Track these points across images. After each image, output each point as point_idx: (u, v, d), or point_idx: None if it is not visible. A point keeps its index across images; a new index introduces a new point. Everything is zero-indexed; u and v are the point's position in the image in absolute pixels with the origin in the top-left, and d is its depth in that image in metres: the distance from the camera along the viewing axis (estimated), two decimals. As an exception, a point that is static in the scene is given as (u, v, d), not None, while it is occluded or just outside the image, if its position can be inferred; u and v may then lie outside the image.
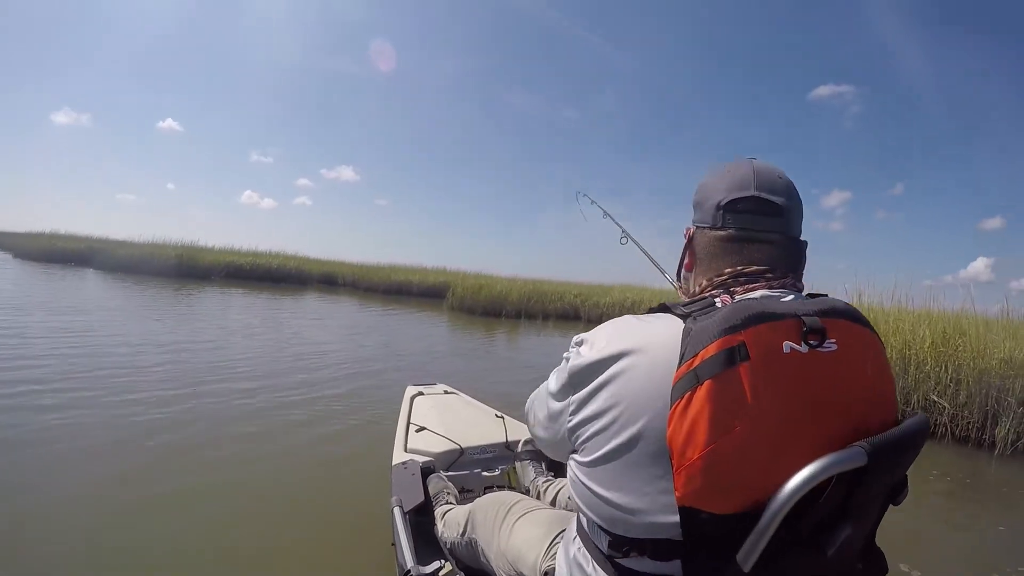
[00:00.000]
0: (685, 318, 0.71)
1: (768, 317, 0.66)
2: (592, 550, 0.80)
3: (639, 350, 0.71)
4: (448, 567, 1.40)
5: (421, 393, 2.84)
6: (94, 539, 2.13)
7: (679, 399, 0.63)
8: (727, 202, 0.83)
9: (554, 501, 1.62)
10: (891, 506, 0.74)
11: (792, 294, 0.78)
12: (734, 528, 0.63)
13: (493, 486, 2.02)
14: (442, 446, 2.15)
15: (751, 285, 0.79)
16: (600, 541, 0.78)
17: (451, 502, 1.73)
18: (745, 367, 0.62)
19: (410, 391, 2.83)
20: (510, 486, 2.00)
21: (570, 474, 0.81)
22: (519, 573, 1.13)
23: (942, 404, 4.60)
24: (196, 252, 20.23)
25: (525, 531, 1.19)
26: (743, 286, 0.79)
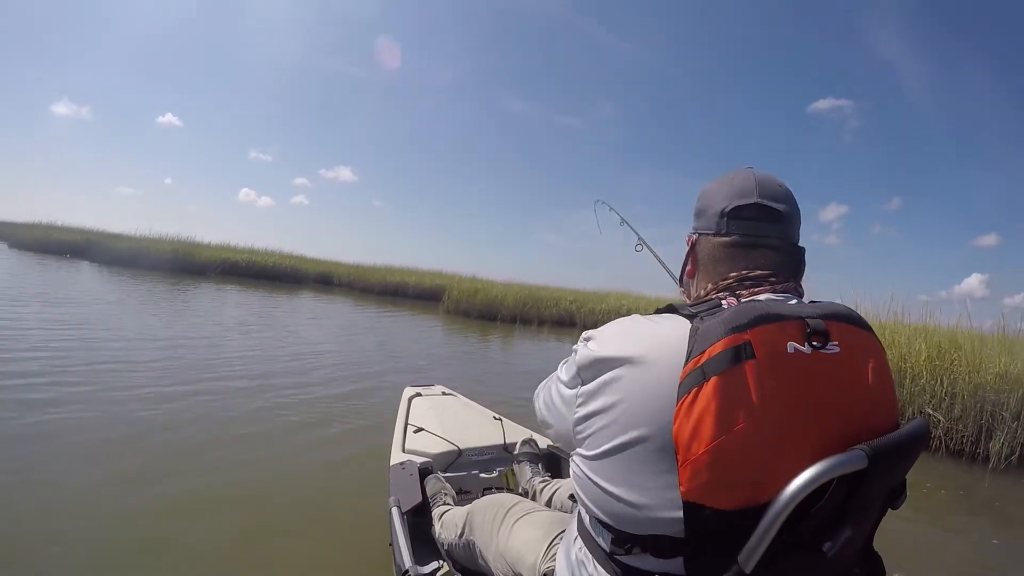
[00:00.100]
0: (692, 318, 0.72)
1: (773, 318, 0.67)
2: (594, 549, 0.80)
3: (647, 347, 0.72)
4: (446, 568, 1.40)
5: (419, 394, 2.84)
6: (91, 538, 2.11)
7: (686, 395, 0.64)
8: (731, 209, 0.85)
9: (550, 502, 1.62)
10: (887, 515, 0.75)
11: (795, 298, 0.80)
12: (736, 525, 0.63)
13: (491, 487, 2.02)
14: (440, 447, 2.15)
15: (756, 289, 0.80)
16: (602, 539, 0.77)
17: (449, 503, 1.73)
18: (751, 365, 0.63)
19: (408, 392, 2.82)
20: (508, 488, 2.00)
21: (574, 469, 0.81)
22: (517, 574, 1.13)
23: (937, 417, 4.61)
24: (192, 248, 20.16)
25: (524, 533, 1.19)
26: (748, 289, 0.80)
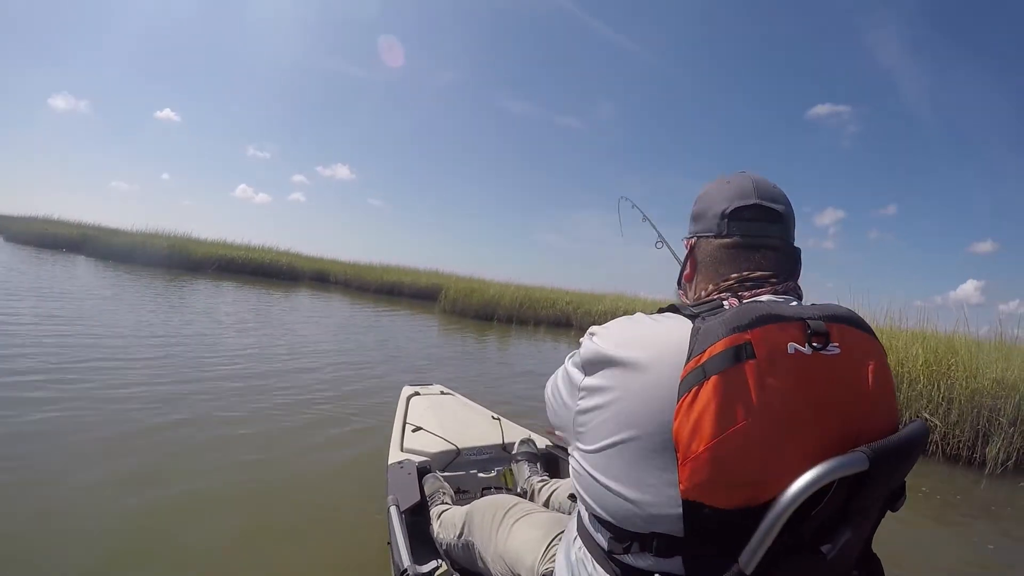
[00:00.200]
0: (693, 318, 0.72)
1: (774, 319, 0.68)
2: (593, 548, 0.80)
3: (649, 345, 0.73)
4: (444, 567, 1.40)
5: (417, 393, 2.84)
6: (89, 538, 2.10)
7: (686, 393, 0.64)
8: (732, 210, 0.86)
9: (548, 501, 1.63)
10: (883, 519, 0.75)
11: (796, 300, 0.81)
12: (735, 524, 0.64)
13: (489, 487, 2.02)
14: (438, 446, 2.15)
15: (757, 290, 0.81)
16: (601, 537, 0.78)
17: (447, 502, 1.74)
18: (751, 364, 0.64)
19: (406, 391, 2.82)
20: (506, 487, 2.00)
21: (573, 464, 0.81)
22: (516, 575, 1.13)
23: (934, 422, 4.61)
24: (189, 243, 20.10)
25: (523, 533, 1.20)
26: (750, 291, 0.81)
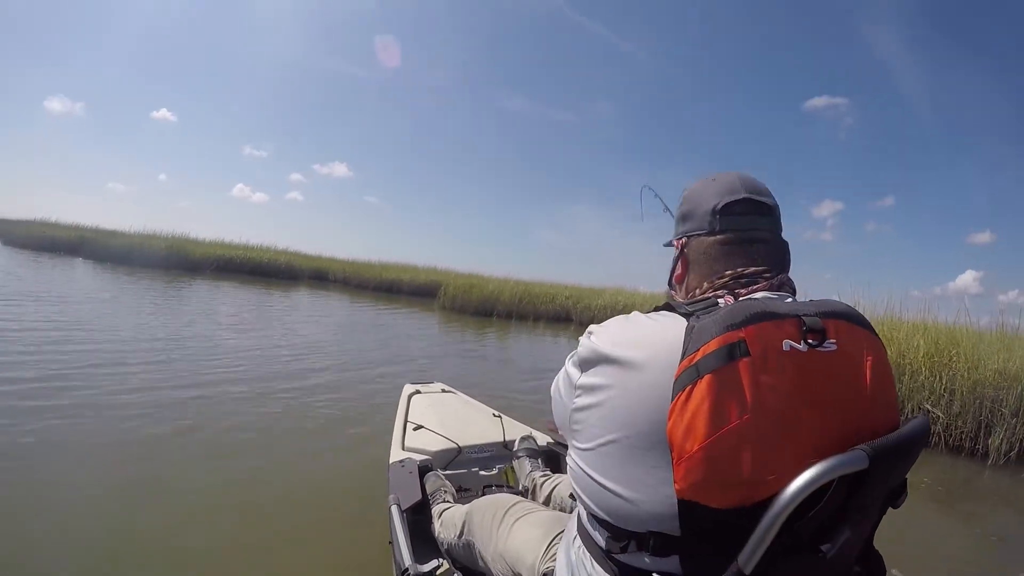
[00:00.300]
0: (688, 317, 0.72)
1: (769, 316, 0.67)
2: (591, 547, 0.80)
3: (644, 345, 0.72)
4: (445, 565, 1.40)
5: (419, 391, 2.82)
6: (91, 540, 2.11)
7: (680, 392, 0.64)
8: (722, 206, 0.85)
9: (550, 496, 1.63)
10: (888, 511, 0.75)
11: (791, 296, 0.80)
12: (732, 524, 0.63)
13: (491, 485, 2.01)
14: (440, 445, 2.14)
15: (753, 286, 0.81)
16: (599, 536, 0.77)
17: (449, 500, 1.73)
18: (745, 363, 0.63)
19: (407, 389, 2.81)
20: (508, 485, 1.99)
21: (570, 463, 0.81)
22: (517, 574, 1.13)
23: (936, 414, 4.62)
24: (187, 244, 20.06)
25: (523, 532, 1.19)
26: (745, 287, 0.81)
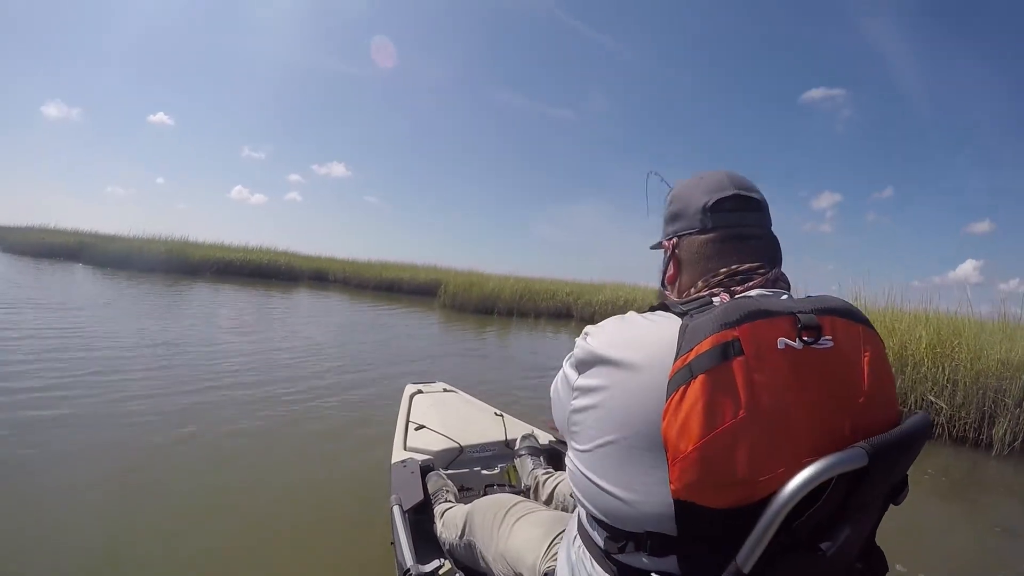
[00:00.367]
0: (683, 316, 0.72)
1: (763, 314, 0.66)
2: (591, 547, 0.80)
3: (639, 346, 0.72)
4: (447, 566, 1.39)
5: (420, 391, 2.82)
6: (92, 540, 2.11)
7: (674, 393, 0.64)
8: (713, 203, 0.85)
9: (553, 494, 1.63)
10: (891, 506, 0.75)
11: (786, 293, 0.80)
12: (729, 524, 0.63)
13: (493, 484, 2.00)
14: (441, 444, 2.14)
15: (748, 283, 0.80)
16: (598, 536, 0.78)
17: (450, 500, 1.73)
18: (739, 362, 0.63)
19: (409, 389, 2.81)
20: (510, 484, 1.99)
21: (568, 464, 0.82)
22: (518, 574, 1.13)
23: (939, 404, 4.61)
24: (186, 247, 20.06)
25: (524, 532, 1.19)
26: (740, 284, 0.80)
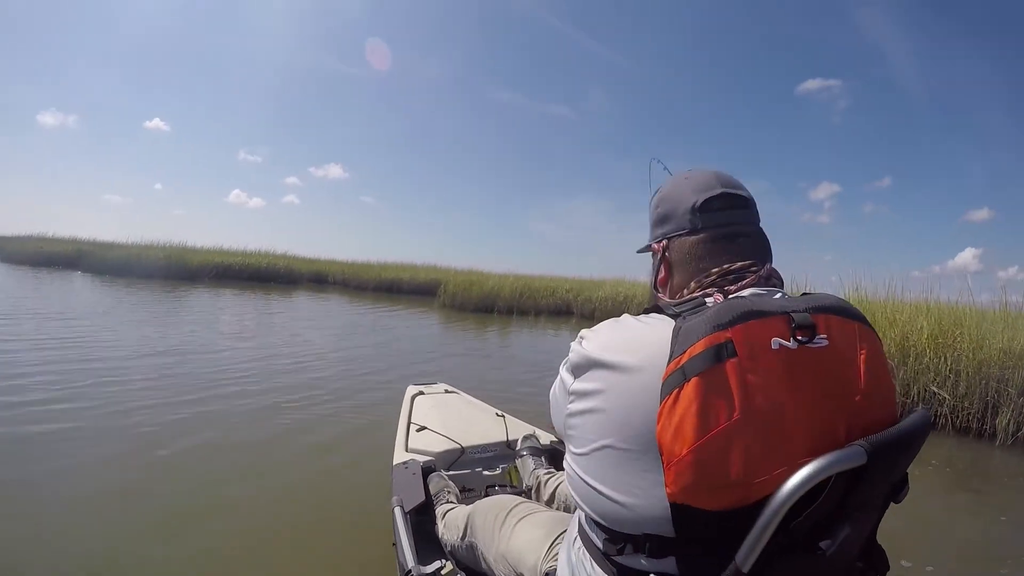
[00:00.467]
0: (676, 318, 0.71)
1: (756, 314, 0.66)
2: (591, 548, 0.80)
3: (633, 349, 0.72)
4: (449, 567, 1.39)
5: (422, 392, 2.82)
6: (93, 542, 2.13)
7: (667, 396, 0.64)
8: (702, 203, 0.85)
9: (554, 494, 1.63)
10: (892, 502, 0.74)
11: (780, 292, 0.79)
12: (726, 526, 0.63)
13: (495, 485, 2.01)
14: (443, 445, 2.14)
15: (741, 282, 0.80)
16: (596, 538, 0.78)
17: (452, 501, 1.73)
18: (732, 363, 0.62)
19: (411, 390, 2.80)
20: (511, 485, 1.99)
21: (567, 468, 0.81)
22: (519, 575, 1.12)
23: (942, 395, 4.60)
24: (185, 253, 20.08)
25: (526, 533, 1.19)
26: (734, 283, 0.80)
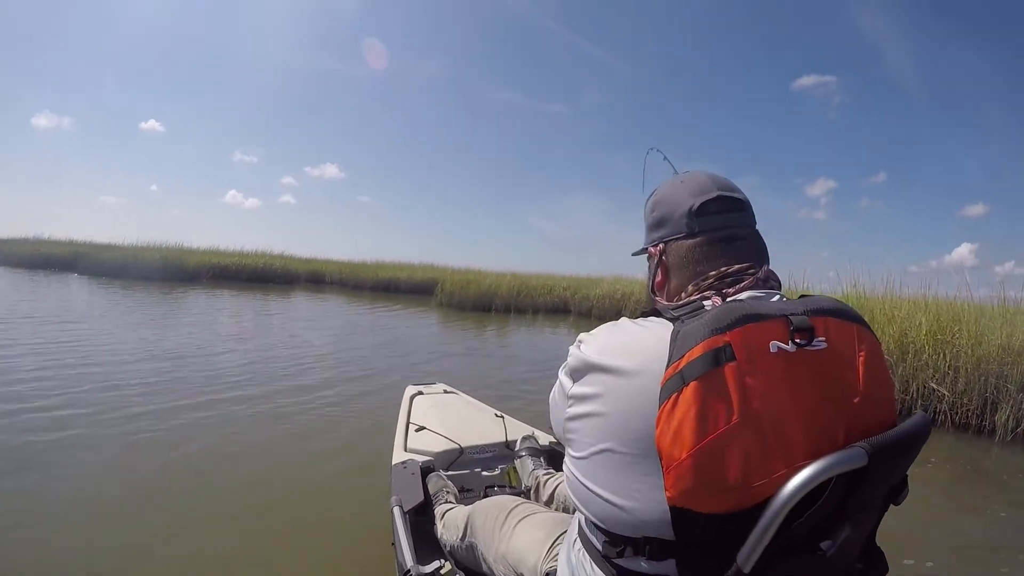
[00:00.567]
0: (674, 321, 0.71)
1: (755, 317, 0.66)
2: (591, 550, 0.80)
3: (631, 353, 0.72)
4: (448, 566, 1.39)
5: (421, 392, 2.82)
6: (94, 544, 2.14)
7: (666, 400, 0.64)
8: (698, 206, 0.85)
9: (553, 495, 1.63)
10: (891, 504, 0.74)
11: (778, 294, 0.79)
12: (725, 529, 0.63)
13: (493, 485, 2.00)
14: (442, 445, 2.14)
15: (739, 285, 0.80)
16: (596, 540, 0.78)
17: (451, 501, 1.73)
18: (731, 367, 0.62)
19: (410, 390, 2.81)
20: (510, 485, 1.99)
21: (566, 471, 0.82)
22: (519, 575, 1.12)
23: (941, 392, 4.60)
24: (181, 254, 20.06)
25: (526, 534, 1.19)
26: (732, 286, 0.80)
